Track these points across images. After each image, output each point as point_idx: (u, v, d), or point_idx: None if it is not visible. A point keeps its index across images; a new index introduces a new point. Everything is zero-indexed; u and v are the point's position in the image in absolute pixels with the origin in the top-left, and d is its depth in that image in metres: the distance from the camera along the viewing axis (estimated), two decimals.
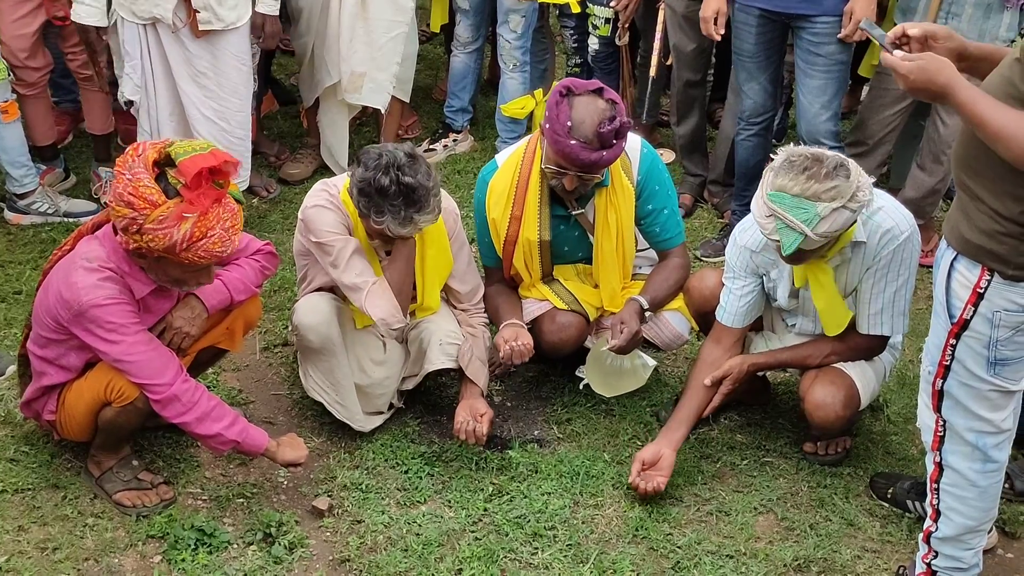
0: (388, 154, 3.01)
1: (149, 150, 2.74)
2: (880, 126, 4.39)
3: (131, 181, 2.69)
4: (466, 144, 5.30)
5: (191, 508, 3.09)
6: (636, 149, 3.42)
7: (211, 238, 2.72)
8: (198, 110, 4.13)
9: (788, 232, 2.77)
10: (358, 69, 4.55)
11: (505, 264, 3.51)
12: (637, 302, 3.40)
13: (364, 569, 2.91)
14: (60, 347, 2.93)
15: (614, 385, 3.46)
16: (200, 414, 2.90)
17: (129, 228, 2.71)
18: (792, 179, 2.76)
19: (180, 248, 2.70)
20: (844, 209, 2.76)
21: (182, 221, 2.67)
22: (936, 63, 2.27)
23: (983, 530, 2.74)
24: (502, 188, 3.41)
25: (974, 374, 2.52)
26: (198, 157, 2.68)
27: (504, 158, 3.48)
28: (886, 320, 3.12)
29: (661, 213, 3.46)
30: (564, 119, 3.12)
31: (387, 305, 3.15)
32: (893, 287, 3.06)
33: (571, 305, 3.49)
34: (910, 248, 3.02)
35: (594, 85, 3.19)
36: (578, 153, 3.12)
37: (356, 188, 3.03)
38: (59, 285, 2.83)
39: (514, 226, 3.40)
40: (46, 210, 4.45)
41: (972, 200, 2.42)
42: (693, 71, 4.72)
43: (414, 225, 3.03)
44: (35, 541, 2.94)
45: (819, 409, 3.16)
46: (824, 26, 4.04)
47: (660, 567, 2.98)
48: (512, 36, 4.82)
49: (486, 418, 3.27)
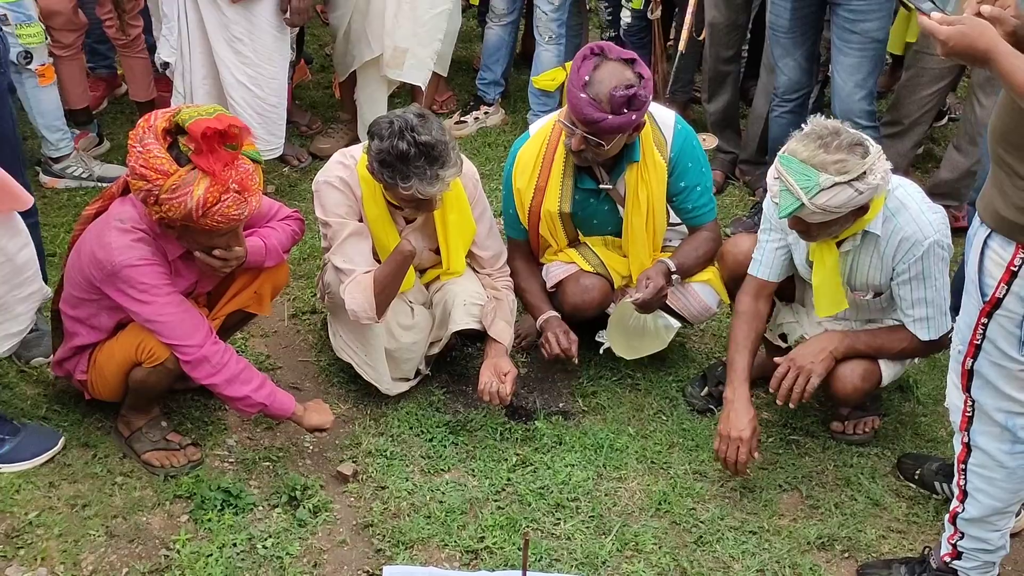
0: (398, 119, 3.01)
1: (159, 119, 2.73)
2: (916, 107, 4.34)
3: (142, 153, 2.69)
4: (497, 117, 5.28)
5: (218, 470, 3.12)
6: (670, 126, 3.38)
7: (225, 202, 2.71)
8: (232, 75, 4.14)
9: (787, 196, 2.78)
10: (401, 45, 4.52)
11: (532, 233, 3.50)
12: (664, 263, 3.40)
13: (387, 534, 2.93)
14: (92, 307, 2.96)
15: (636, 347, 3.45)
16: (229, 376, 2.92)
17: (148, 200, 2.73)
18: (804, 145, 2.77)
19: (197, 215, 2.70)
20: (848, 187, 2.74)
21: (194, 187, 2.66)
22: (978, 28, 2.18)
23: (1011, 512, 2.70)
24: (529, 158, 3.40)
25: (1005, 354, 2.48)
26: (203, 120, 2.66)
27: (536, 128, 3.48)
28: (932, 326, 3.08)
29: (694, 190, 3.43)
30: (584, 73, 3.10)
31: (362, 300, 3.16)
32: (932, 293, 3.03)
33: (597, 268, 3.48)
34: (936, 253, 2.97)
35: (628, 55, 3.16)
36: (583, 108, 3.09)
37: (376, 161, 3.02)
38: (92, 245, 2.86)
39: (538, 197, 3.40)
40: (80, 174, 4.49)
41: (1009, 176, 2.36)
42: (727, 47, 4.67)
43: (441, 182, 3.03)
44: (65, 497, 2.98)
45: (837, 380, 3.15)
46: (861, 3, 3.98)
47: (682, 541, 2.98)
48: (549, 8, 4.79)
49: (510, 377, 3.27)
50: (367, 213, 3.24)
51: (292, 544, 2.88)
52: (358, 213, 3.24)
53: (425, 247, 3.37)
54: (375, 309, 3.18)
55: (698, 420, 3.44)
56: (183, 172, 2.68)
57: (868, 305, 3.17)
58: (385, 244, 3.25)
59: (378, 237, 3.27)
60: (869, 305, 3.17)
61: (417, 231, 3.33)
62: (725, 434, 3.09)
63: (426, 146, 2.97)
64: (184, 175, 2.67)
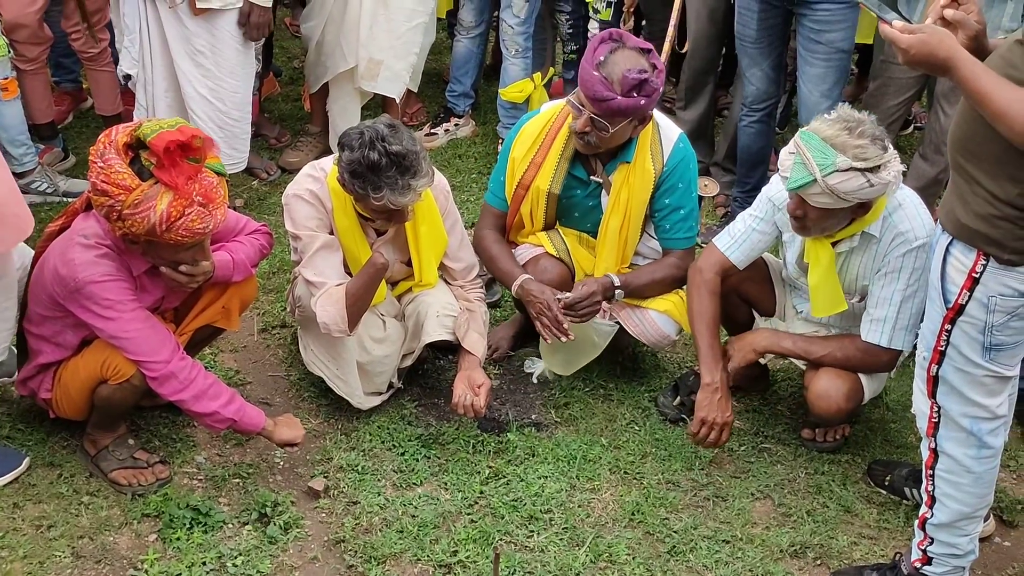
0: (369, 130, 3.00)
1: (120, 134, 2.70)
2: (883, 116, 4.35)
3: (103, 169, 2.66)
4: (467, 129, 5.28)
5: (186, 487, 3.08)
6: (672, 139, 3.38)
7: (189, 216, 2.68)
8: (194, 88, 4.10)
9: (801, 169, 2.80)
10: (376, 56, 4.51)
11: (511, 208, 3.50)
12: (609, 278, 3.39)
13: (359, 550, 2.91)
14: (56, 324, 2.92)
15: (572, 361, 3.46)
16: (197, 392, 2.89)
17: (110, 215, 2.69)
18: (829, 126, 2.80)
19: (160, 230, 2.67)
20: (861, 175, 2.76)
21: (157, 201, 2.64)
22: (937, 36, 2.21)
23: (978, 516, 2.73)
24: (532, 131, 3.42)
25: (969, 359, 2.51)
26: (165, 134, 2.63)
27: (548, 107, 3.51)
28: (886, 330, 3.06)
29: (676, 212, 3.40)
30: (600, 54, 3.13)
31: (334, 313, 3.15)
32: (900, 295, 3.01)
33: (561, 255, 3.49)
34: (924, 257, 2.96)
35: (645, 45, 3.19)
36: (594, 85, 3.11)
37: (347, 172, 3.01)
38: (56, 262, 2.82)
39: (531, 172, 3.41)
40: (45, 189, 4.43)
41: (969, 183, 2.39)
42: (706, 58, 4.71)
43: (413, 192, 3.02)
44: (30, 519, 2.93)
45: (821, 399, 3.16)
46: (825, 13, 4.02)
47: (656, 551, 2.97)
48: (515, 21, 4.80)
49: (484, 389, 3.26)
50: (338, 225, 3.22)
51: (263, 562, 2.84)
52: (328, 226, 3.23)
53: (396, 259, 3.36)
54: (347, 322, 3.16)
55: (671, 430, 3.44)
56: (145, 187, 2.65)
57: (853, 309, 3.17)
58: (356, 256, 3.24)
59: (349, 250, 3.25)
60: (855, 309, 3.17)
61: (388, 243, 3.32)
62: (710, 420, 3.10)
63: (397, 156, 2.96)
64: (147, 189, 2.64)
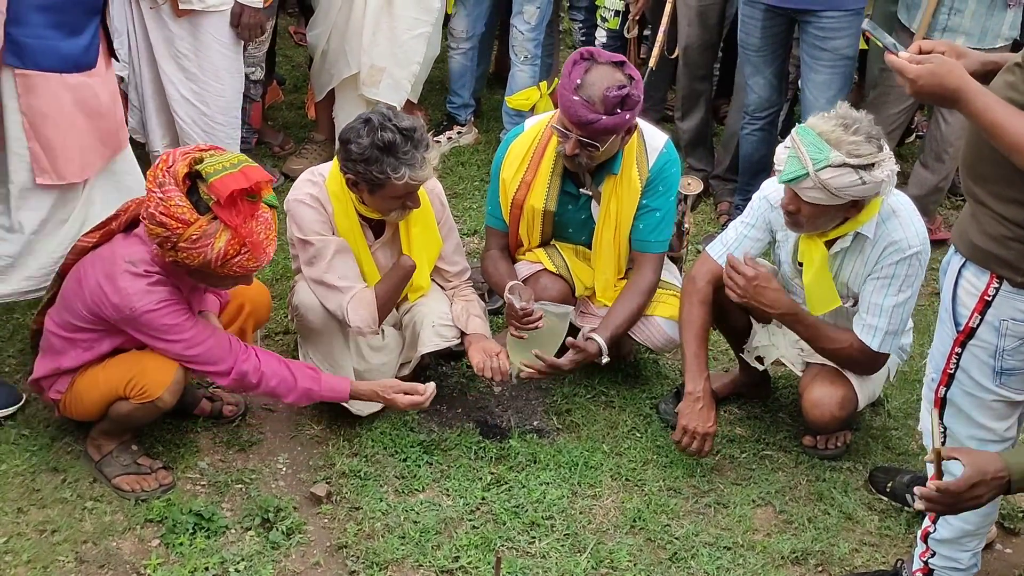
0: (372, 115, 3.05)
1: (179, 163, 2.72)
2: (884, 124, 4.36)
3: (162, 200, 2.68)
4: (470, 136, 5.30)
5: (190, 493, 3.09)
6: (657, 148, 3.39)
7: (245, 255, 2.73)
8: (177, 91, 4.05)
9: (795, 162, 2.83)
10: (378, 63, 4.52)
11: (511, 228, 3.52)
12: (596, 343, 3.32)
13: (361, 555, 2.91)
14: (94, 334, 2.93)
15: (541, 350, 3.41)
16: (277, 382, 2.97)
17: (164, 244, 2.73)
18: (825, 122, 2.83)
19: (215, 264, 2.73)
20: (854, 172, 2.77)
21: (215, 240, 2.69)
22: (946, 66, 2.17)
23: (981, 534, 2.71)
24: (520, 150, 3.43)
25: (979, 383, 2.47)
26: (228, 178, 2.66)
27: (531, 123, 3.51)
28: (878, 335, 3.08)
29: (653, 213, 3.41)
30: (576, 77, 3.13)
31: (367, 316, 3.20)
32: (892, 301, 3.03)
33: (561, 271, 3.50)
34: (916, 265, 3.00)
35: (617, 58, 3.20)
36: (578, 109, 3.11)
37: (361, 162, 3.02)
38: (105, 287, 2.82)
39: (523, 190, 3.42)
40: None
41: (980, 206, 2.36)
42: (700, 66, 4.72)
43: (429, 164, 3.06)
44: (34, 523, 2.94)
45: (815, 407, 3.19)
46: (830, 21, 4.04)
47: (657, 558, 2.98)
48: (526, 28, 4.81)
49: (502, 355, 3.29)
50: (338, 228, 3.24)
51: (265, 567, 2.85)
52: (331, 229, 3.25)
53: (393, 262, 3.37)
54: (378, 323, 3.25)
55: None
56: (203, 222, 2.68)
57: (846, 313, 3.19)
58: (357, 258, 3.26)
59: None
60: (847, 313, 3.19)
61: (386, 246, 3.34)
62: (691, 428, 3.14)
63: (409, 131, 3.02)
64: (204, 226, 2.68)
